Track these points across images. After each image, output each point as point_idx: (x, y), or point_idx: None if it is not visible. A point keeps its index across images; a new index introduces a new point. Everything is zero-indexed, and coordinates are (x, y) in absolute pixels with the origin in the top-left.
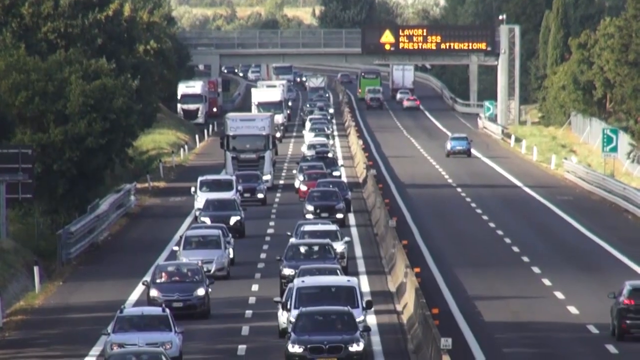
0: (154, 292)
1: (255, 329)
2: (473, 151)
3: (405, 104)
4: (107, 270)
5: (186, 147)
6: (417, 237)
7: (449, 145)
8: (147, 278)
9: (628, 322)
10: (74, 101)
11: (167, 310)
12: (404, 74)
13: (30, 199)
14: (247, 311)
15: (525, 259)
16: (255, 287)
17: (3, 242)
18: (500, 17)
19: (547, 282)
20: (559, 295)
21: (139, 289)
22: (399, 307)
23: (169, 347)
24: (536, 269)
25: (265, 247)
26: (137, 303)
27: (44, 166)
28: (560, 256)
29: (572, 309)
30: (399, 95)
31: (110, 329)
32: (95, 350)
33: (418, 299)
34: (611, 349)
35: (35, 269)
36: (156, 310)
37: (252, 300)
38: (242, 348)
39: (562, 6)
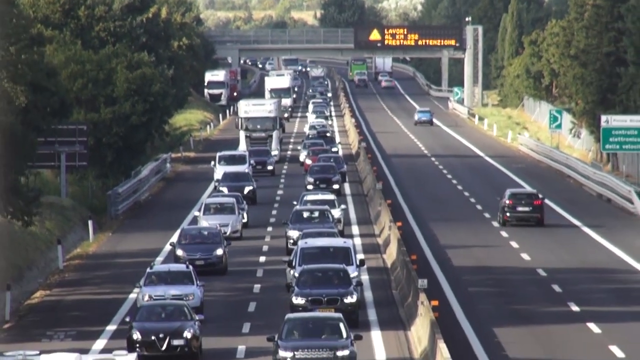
0: (179, 252)
1: (266, 279)
2: (435, 121)
3: (383, 84)
4: (147, 224)
5: (211, 124)
6: (399, 198)
7: (416, 117)
8: (174, 240)
9: (507, 214)
10: (120, 87)
11: (190, 267)
12: (384, 61)
13: (84, 166)
14: (258, 269)
15: (487, 215)
16: (265, 248)
17: (63, 201)
18: (467, 19)
19: (504, 234)
20: (514, 244)
21: (174, 237)
22: (384, 256)
23: (192, 298)
24: (495, 224)
25: (273, 212)
26: (167, 257)
27: (95, 139)
28: None
29: (525, 256)
30: (380, 77)
31: (142, 282)
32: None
33: (399, 247)
34: (556, 288)
35: (90, 222)
36: (181, 267)
37: (262, 259)
38: (256, 288)
39: (517, 10)
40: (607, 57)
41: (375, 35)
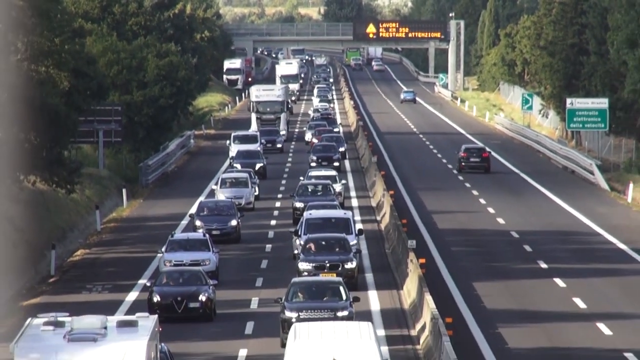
0: (197, 222)
1: (275, 248)
2: (420, 101)
3: (375, 67)
4: (173, 192)
5: (229, 105)
6: (392, 169)
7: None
8: (193, 211)
9: (463, 164)
10: (150, 73)
11: (207, 235)
12: (375, 49)
13: (119, 142)
14: (268, 237)
15: (467, 184)
16: (274, 221)
17: (101, 172)
18: (450, 15)
19: (482, 201)
20: (491, 210)
21: (197, 204)
22: (378, 217)
23: (208, 263)
24: (475, 192)
25: (281, 188)
26: (187, 227)
27: (128, 119)
28: (492, 183)
29: (500, 220)
30: (373, 63)
31: (164, 249)
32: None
33: (392, 212)
34: (527, 248)
35: (124, 190)
36: (198, 235)
37: (272, 223)
38: (266, 260)
39: (494, 7)
40: (572, 48)
41: (371, 29)
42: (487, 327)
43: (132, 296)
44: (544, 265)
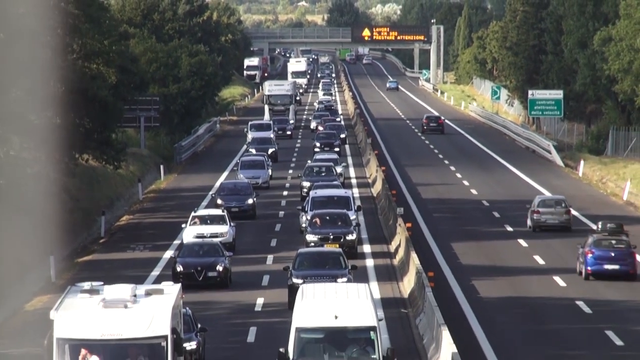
0: (219, 201)
1: (283, 230)
2: (405, 91)
3: (365, 61)
4: (202, 168)
5: (248, 96)
6: (383, 149)
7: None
8: (213, 192)
9: (425, 127)
10: (183, 69)
11: (225, 211)
12: (363, 48)
13: (157, 126)
14: (275, 227)
15: (446, 161)
16: (284, 198)
17: (142, 151)
18: (432, 21)
19: (458, 175)
20: (466, 182)
21: (223, 177)
22: (372, 190)
23: (226, 236)
24: (452, 168)
25: (290, 170)
26: (210, 203)
27: (165, 107)
28: (466, 159)
29: (473, 191)
30: (363, 58)
31: (188, 223)
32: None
33: (383, 184)
34: (495, 214)
35: (161, 167)
36: (217, 211)
37: (282, 203)
38: (277, 228)
39: (468, 14)
40: (533, 48)
41: (366, 33)
42: (463, 280)
43: (167, 254)
44: (509, 229)
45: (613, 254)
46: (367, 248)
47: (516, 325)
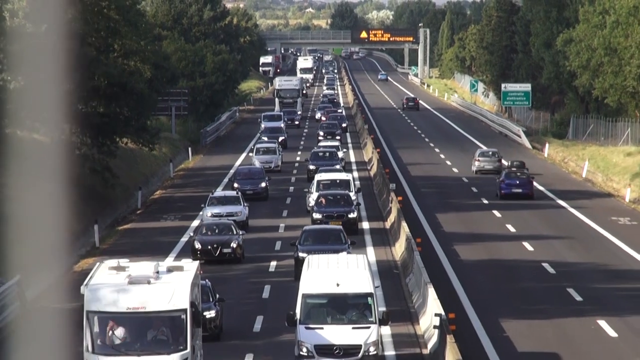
0: (235, 185)
1: (293, 203)
2: (396, 84)
3: (354, 57)
4: (224, 150)
5: (263, 89)
6: (378, 133)
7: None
8: (230, 176)
9: (404, 106)
10: (208, 66)
11: (239, 193)
12: (355, 47)
13: (186, 114)
14: (286, 200)
15: (432, 144)
16: (294, 175)
17: (173, 135)
18: (420, 25)
19: (442, 156)
20: (448, 162)
21: (241, 158)
22: (368, 168)
23: (240, 215)
24: (437, 150)
25: (299, 152)
26: (226, 186)
27: (192, 98)
28: (448, 143)
29: (455, 169)
30: (354, 55)
31: (206, 203)
32: (220, 187)
33: (378, 164)
34: (474, 189)
35: (189, 148)
36: (232, 193)
37: (292, 180)
38: (287, 201)
39: (450, 19)
40: (505, 48)
41: (363, 34)
42: (445, 244)
43: (195, 223)
44: (485, 201)
45: (518, 182)
46: (365, 219)
47: (491, 283)
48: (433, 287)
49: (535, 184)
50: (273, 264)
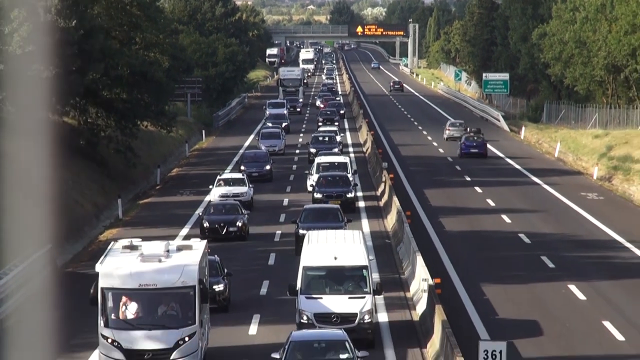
0: (242, 167)
1: (296, 180)
2: (388, 73)
3: (346, 48)
4: (235, 132)
5: (269, 77)
6: (372, 118)
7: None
8: (236, 160)
9: (391, 89)
10: (220, 57)
11: (244, 175)
12: (349, 39)
13: (200, 100)
14: (290, 177)
15: (420, 127)
16: (296, 155)
17: (189, 119)
18: (410, 20)
19: (429, 137)
20: (435, 144)
21: (249, 140)
22: (363, 149)
23: (245, 195)
24: (425, 132)
25: (301, 134)
26: (233, 169)
27: (206, 86)
28: (435, 126)
29: (441, 150)
30: (345, 46)
31: (214, 184)
32: (229, 167)
33: (372, 145)
34: (457, 167)
35: (203, 131)
36: (238, 175)
37: (295, 159)
38: (291, 178)
39: (437, 15)
40: (486, 41)
41: (359, 29)
42: (432, 217)
43: (207, 198)
44: (468, 179)
45: (474, 144)
46: (360, 194)
47: (473, 252)
48: (421, 255)
49: (512, 163)
50: (278, 232)
